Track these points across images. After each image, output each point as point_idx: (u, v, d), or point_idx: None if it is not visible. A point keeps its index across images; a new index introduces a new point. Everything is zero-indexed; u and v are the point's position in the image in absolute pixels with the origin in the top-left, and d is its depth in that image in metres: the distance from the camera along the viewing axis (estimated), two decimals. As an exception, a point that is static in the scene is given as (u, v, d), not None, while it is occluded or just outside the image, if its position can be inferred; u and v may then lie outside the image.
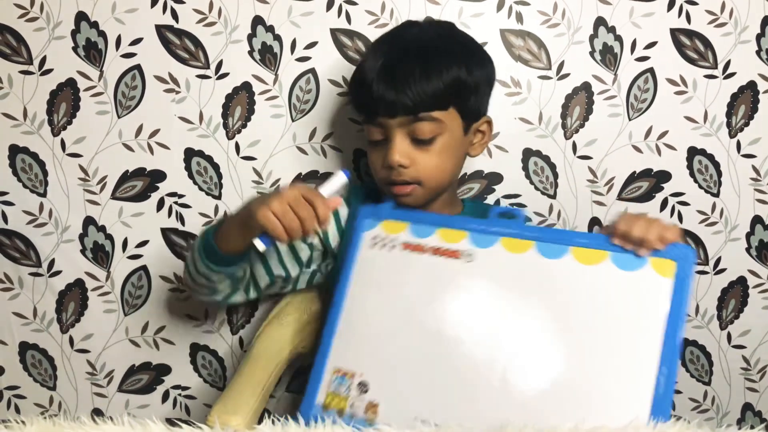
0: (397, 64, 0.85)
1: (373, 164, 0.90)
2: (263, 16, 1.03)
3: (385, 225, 0.84)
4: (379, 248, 0.83)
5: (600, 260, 0.74)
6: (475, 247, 0.79)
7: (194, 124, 1.06)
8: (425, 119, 0.84)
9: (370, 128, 0.88)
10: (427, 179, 0.87)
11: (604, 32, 1.04)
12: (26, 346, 1.14)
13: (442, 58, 0.85)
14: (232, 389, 0.87)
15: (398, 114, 0.84)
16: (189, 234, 1.09)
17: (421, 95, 0.83)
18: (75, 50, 1.04)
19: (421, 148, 0.86)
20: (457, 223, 0.81)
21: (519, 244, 0.77)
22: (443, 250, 0.80)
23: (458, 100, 0.86)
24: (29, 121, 1.06)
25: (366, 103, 0.87)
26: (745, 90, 1.05)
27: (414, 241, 0.82)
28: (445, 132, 0.86)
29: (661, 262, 0.71)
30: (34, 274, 1.11)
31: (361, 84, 0.87)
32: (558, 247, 0.75)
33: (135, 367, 1.14)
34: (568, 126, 1.06)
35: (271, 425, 0.62)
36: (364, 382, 0.77)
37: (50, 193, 1.08)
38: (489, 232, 0.79)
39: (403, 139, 0.85)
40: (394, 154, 0.85)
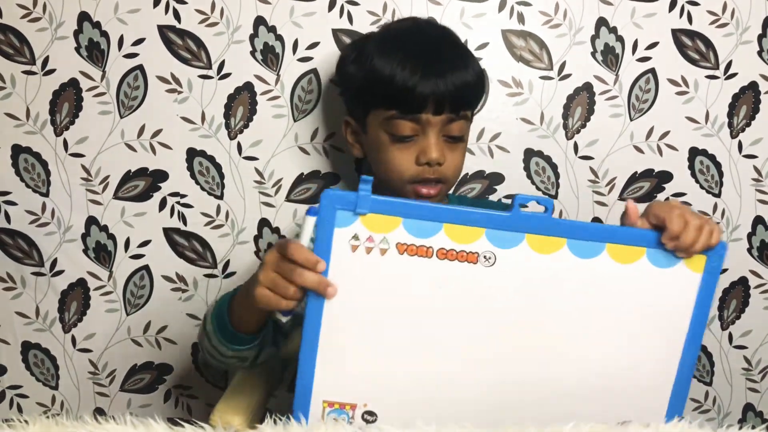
0: (438, 56, 0.84)
1: (397, 162, 0.84)
2: (265, 17, 1.03)
3: (367, 220, 0.62)
4: (363, 252, 0.63)
5: (636, 258, 0.67)
6: (495, 247, 0.64)
7: (196, 124, 1.06)
8: (463, 118, 0.85)
9: (401, 123, 0.83)
10: (452, 178, 0.87)
11: (606, 33, 1.04)
12: (28, 346, 1.14)
13: (466, 50, 0.89)
14: (234, 389, 0.87)
15: (444, 111, 0.82)
16: (191, 234, 1.09)
17: (465, 89, 0.83)
18: (77, 50, 1.05)
19: (451, 146, 0.86)
20: (469, 218, 0.63)
21: (549, 243, 0.65)
22: (455, 252, 0.64)
23: (480, 99, 0.90)
24: (32, 121, 1.07)
25: (406, 97, 0.82)
26: (747, 90, 1.05)
27: (413, 242, 0.63)
28: (467, 132, 0.88)
29: (693, 258, 0.68)
30: (37, 273, 1.11)
31: (399, 79, 0.81)
32: (593, 245, 0.66)
33: (137, 367, 1.14)
34: (570, 126, 1.06)
35: (273, 425, 0.62)
36: (371, 411, 0.68)
37: (53, 192, 1.08)
38: (513, 228, 0.64)
39: (439, 137, 0.84)
40: (433, 151, 0.83)
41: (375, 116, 0.85)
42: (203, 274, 1.10)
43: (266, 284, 0.65)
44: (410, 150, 0.84)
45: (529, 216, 0.64)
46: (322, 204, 0.63)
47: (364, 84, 0.86)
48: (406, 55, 0.83)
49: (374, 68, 0.84)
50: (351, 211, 0.62)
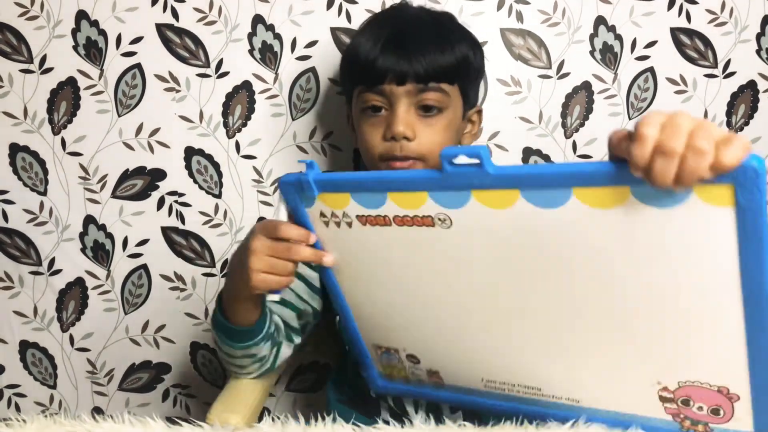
0: (409, 32, 0.81)
1: (367, 139, 0.83)
2: (263, 15, 1.03)
3: (323, 199, 0.64)
4: (335, 226, 0.65)
5: (620, 201, 0.51)
6: (444, 208, 0.59)
7: (194, 122, 1.06)
8: (434, 89, 0.79)
9: (368, 96, 0.81)
10: (430, 155, 0.80)
11: (604, 31, 1.04)
12: (26, 345, 1.14)
13: (454, 33, 0.83)
14: (232, 387, 0.87)
15: (407, 81, 0.78)
16: (189, 233, 1.09)
17: (433, 64, 0.78)
18: (75, 49, 1.04)
19: (425, 120, 0.80)
20: (408, 184, 0.60)
21: (499, 197, 0.56)
22: (410, 218, 0.61)
23: (464, 78, 0.83)
24: (29, 120, 1.06)
25: (368, 70, 0.80)
26: (745, 89, 1.05)
27: (368, 213, 0.63)
28: (449, 107, 0.81)
29: (710, 189, 0.47)
30: (35, 272, 1.11)
31: (362, 52, 0.81)
32: (554, 194, 0.53)
33: (135, 366, 1.14)
34: (569, 125, 1.06)
35: (271, 423, 0.62)
36: (412, 354, 0.72)
37: (50, 191, 1.08)
38: (454, 187, 0.57)
39: (408, 109, 0.80)
40: (398, 123, 0.78)
41: (354, 96, 0.85)
42: (201, 273, 1.10)
43: (263, 269, 0.66)
44: (379, 126, 0.81)
45: (462, 171, 0.56)
46: (282, 192, 0.66)
47: (344, 67, 0.89)
48: (377, 31, 0.82)
49: (349, 46, 0.86)
50: (305, 194, 0.64)
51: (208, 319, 1.12)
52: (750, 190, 0.46)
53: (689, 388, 0.58)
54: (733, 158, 0.44)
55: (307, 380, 1.15)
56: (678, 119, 0.46)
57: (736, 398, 0.56)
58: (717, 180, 0.46)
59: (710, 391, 0.57)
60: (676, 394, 0.59)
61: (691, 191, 0.48)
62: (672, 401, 0.59)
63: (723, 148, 0.44)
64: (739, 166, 0.45)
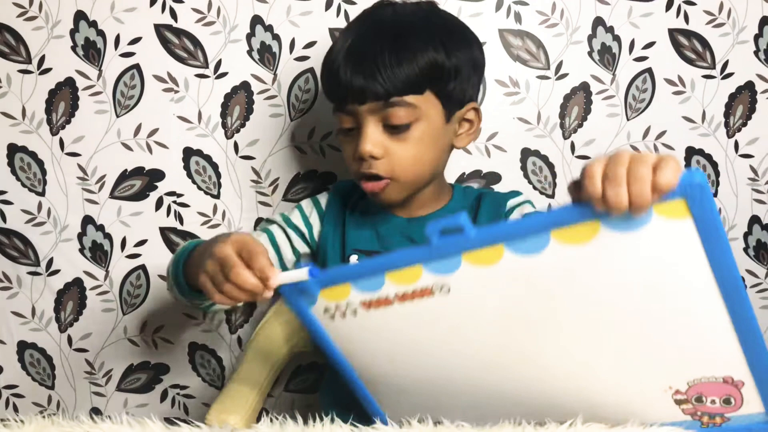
0: (365, 45, 0.77)
1: (345, 156, 0.83)
2: (262, 16, 1.03)
3: (325, 294, 0.66)
4: (340, 318, 0.67)
5: (593, 233, 0.55)
6: (440, 275, 0.61)
7: (193, 123, 1.06)
8: (398, 104, 0.76)
9: (340, 116, 0.80)
10: (403, 173, 0.79)
11: (603, 32, 1.04)
12: (24, 345, 1.14)
13: (416, 39, 0.77)
14: (230, 388, 0.87)
15: (367, 100, 0.76)
16: (188, 233, 1.09)
17: (391, 80, 0.75)
18: (74, 49, 1.04)
19: (395, 137, 0.77)
20: (402, 260, 0.62)
21: (486, 255, 0.59)
22: (410, 294, 0.63)
23: (436, 84, 0.78)
24: (28, 120, 1.06)
25: (334, 89, 0.79)
26: (743, 90, 1.05)
27: (370, 297, 0.65)
28: (421, 119, 0.78)
29: (667, 206, 0.52)
30: (33, 273, 1.11)
31: (329, 68, 0.79)
32: (534, 240, 0.57)
33: (133, 367, 1.14)
34: (567, 126, 1.06)
35: (270, 424, 0.62)
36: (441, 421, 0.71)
37: (49, 192, 1.08)
38: (444, 255, 0.60)
39: (376, 127, 0.77)
40: (365, 143, 0.77)
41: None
42: (200, 273, 1.10)
43: (209, 273, 0.64)
44: (352, 144, 0.80)
45: (448, 240, 0.60)
46: (286, 298, 0.66)
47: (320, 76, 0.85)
48: (341, 42, 0.79)
49: (323, 60, 0.83)
50: (307, 295, 0.65)
51: (206, 320, 1.12)
52: (699, 201, 0.51)
53: (698, 386, 0.60)
54: (668, 180, 0.50)
55: (305, 381, 1.15)
56: (617, 155, 0.52)
57: (741, 384, 0.59)
58: (668, 197, 0.52)
59: (717, 384, 0.60)
60: (688, 394, 0.61)
61: (651, 212, 0.53)
62: (687, 402, 0.61)
63: (658, 173, 0.50)
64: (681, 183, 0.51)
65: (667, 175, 0.50)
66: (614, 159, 0.52)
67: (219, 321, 1.12)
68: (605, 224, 0.54)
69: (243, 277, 0.62)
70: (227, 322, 1.13)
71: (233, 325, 1.13)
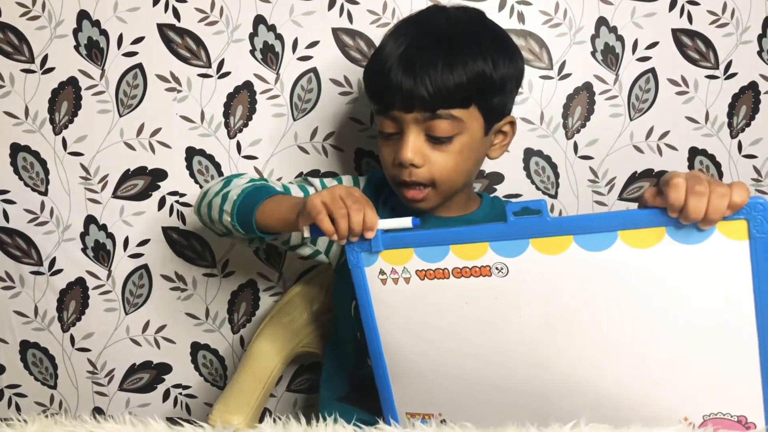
0: (420, 52, 0.76)
1: (383, 160, 0.82)
2: (265, 15, 1.03)
3: (386, 256, 0.69)
4: (392, 283, 0.69)
5: (657, 240, 0.60)
6: (503, 257, 0.65)
7: (196, 123, 1.06)
8: (444, 117, 0.76)
9: (382, 120, 0.80)
10: (442, 181, 0.79)
11: (606, 32, 1.04)
12: (27, 345, 1.14)
13: (469, 51, 0.77)
14: (233, 388, 0.87)
15: (415, 109, 0.76)
16: (190, 233, 1.09)
17: (441, 89, 0.75)
18: (77, 49, 1.04)
19: (436, 147, 0.78)
20: (471, 236, 0.66)
21: (554, 243, 0.63)
22: (468, 270, 0.67)
23: (481, 98, 0.78)
24: (31, 120, 1.06)
25: (381, 92, 0.79)
26: (747, 90, 1.05)
27: (428, 267, 0.68)
28: (464, 132, 0.78)
29: (730, 225, 0.58)
30: (35, 272, 1.11)
31: (378, 70, 0.79)
32: (602, 236, 0.62)
33: (136, 366, 1.14)
34: (570, 126, 1.06)
35: (272, 424, 0.62)
36: (444, 420, 0.72)
37: (51, 191, 1.08)
38: (513, 237, 0.64)
39: (418, 135, 0.78)
40: (406, 151, 0.77)
41: (374, 115, 0.85)
42: (202, 273, 1.10)
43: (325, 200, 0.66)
44: (393, 148, 0.80)
45: (525, 221, 0.64)
46: (347, 252, 0.69)
47: (364, 74, 0.85)
48: (393, 45, 0.79)
49: (373, 54, 0.83)
50: (370, 252, 0.69)
51: (208, 320, 1.12)
52: (760, 223, 0.57)
53: (713, 421, 0.62)
54: (743, 197, 0.57)
55: (307, 381, 1.15)
56: (697, 174, 0.59)
57: (753, 426, 0.61)
58: (733, 217, 0.58)
59: (731, 422, 0.62)
60: (702, 426, 0.62)
61: (714, 228, 0.58)
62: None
63: (735, 190, 0.57)
64: (747, 205, 0.57)
65: (742, 194, 0.57)
66: (696, 176, 0.59)
67: (221, 321, 1.12)
68: (670, 233, 0.60)
69: (358, 217, 0.65)
70: (229, 321, 1.13)
71: (235, 324, 1.13)
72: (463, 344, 0.69)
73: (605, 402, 0.65)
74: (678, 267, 0.60)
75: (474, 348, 0.68)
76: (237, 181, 0.83)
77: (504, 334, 0.67)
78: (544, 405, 0.67)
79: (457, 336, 0.68)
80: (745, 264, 0.58)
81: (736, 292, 0.59)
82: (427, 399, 0.72)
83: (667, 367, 0.62)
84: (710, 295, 0.60)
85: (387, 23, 1.03)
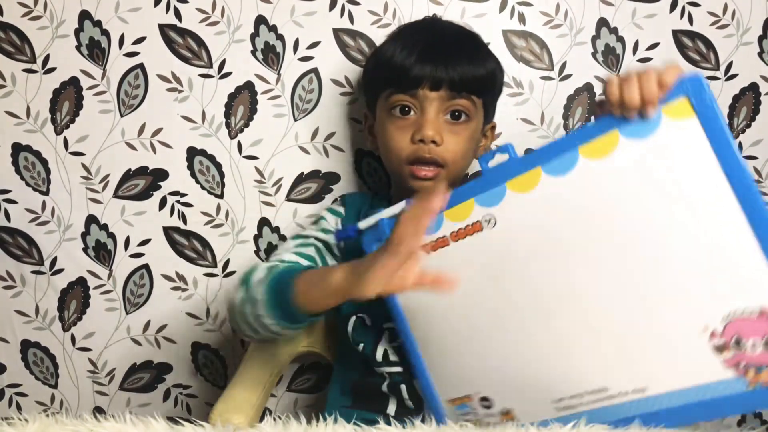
0: (445, 42, 0.86)
1: (393, 141, 0.86)
2: (266, 16, 1.03)
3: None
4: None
5: (614, 144, 0.62)
6: (488, 208, 0.68)
7: (197, 123, 1.06)
8: (466, 98, 0.84)
9: (399, 96, 0.85)
10: (453, 163, 0.85)
11: (607, 33, 1.04)
12: (28, 344, 1.14)
13: (484, 50, 0.89)
14: (233, 388, 0.88)
15: (442, 87, 0.82)
16: (191, 233, 1.09)
17: (467, 75, 0.83)
18: (78, 49, 1.05)
19: (452, 128, 0.84)
20: (458, 197, 0.70)
21: (527, 180, 0.66)
22: (462, 230, 0.70)
23: (488, 94, 0.88)
24: (32, 120, 1.07)
25: (404, 76, 0.83)
26: (747, 92, 1.05)
27: (430, 239, 0.72)
28: (474, 119, 0.86)
29: (673, 107, 0.60)
30: (36, 272, 1.11)
31: (398, 59, 0.84)
32: (565, 158, 0.64)
33: (136, 366, 1.14)
34: (571, 127, 1.06)
35: (273, 423, 0.62)
36: (485, 397, 0.73)
37: (53, 191, 1.08)
38: (492, 185, 0.68)
39: (438, 115, 0.84)
40: (428, 127, 0.82)
41: (380, 100, 0.88)
42: (203, 273, 1.10)
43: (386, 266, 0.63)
44: (408, 129, 0.84)
45: (496, 167, 0.68)
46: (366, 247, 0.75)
47: (371, 69, 0.92)
48: (410, 40, 0.86)
49: (379, 52, 0.89)
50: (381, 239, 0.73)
51: (209, 320, 1.12)
52: (699, 96, 0.59)
53: (735, 324, 0.59)
54: (671, 77, 0.59)
55: (308, 381, 1.15)
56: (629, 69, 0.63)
57: None
58: (672, 96, 0.59)
59: (753, 320, 0.59)
60: (725, 335, 0.60)
61: (660, 114, 0.60)
62: (726, 348, 0.60)
63: (664, 71, 0.60)
64: (682, 81, 0.59)
65: (670, 73, 0.60)
66: (628, 71, 0.63)
67: (222, 321, 1.13)
68: (623, 133, 0.61)
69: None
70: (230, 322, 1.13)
71: (236, 324, 1.13)
72: (477, 304, 0.70)
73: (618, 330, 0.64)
74: (643, 165, 0.61)
75: (486, 309, 0.70)
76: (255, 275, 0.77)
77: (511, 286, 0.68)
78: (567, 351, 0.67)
79: (468, 297, 0.70)
80: (701, 138, 0.59)
81: (707, 172, 0.59)
82: (463, 380, 0.73)
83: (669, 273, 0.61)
84: (682, 182, 0.60)
85: (388, 24, 1.03)
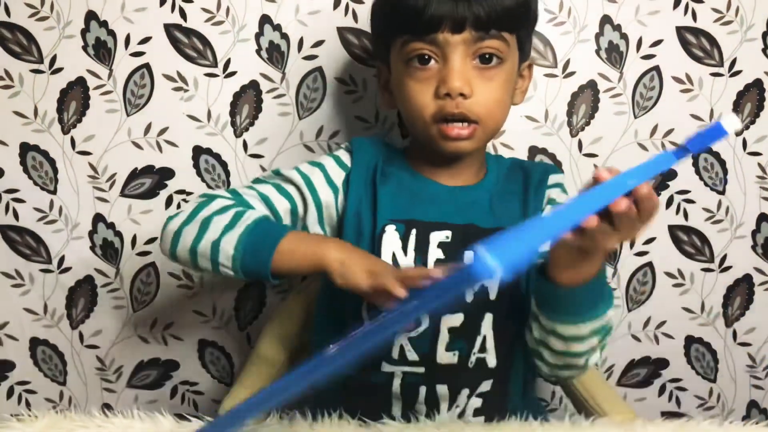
0: None
1: (414, 97, 0.74)
2: (271, 15, 1.04)
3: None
4: None
5: None
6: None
7: (202, 122, 1.06)
8: (496, 37, 0.71)
9: (416, 44, 0.72)
10: (488, 116, 0.73)
11: (610, 30, 1.04)
12: (37, 342, 1.15)
13: None
14: (242, 384, 0.88)
15: (465, 28, 0.69)
16: (197, 231, 1.09)
17: (495, 8, 0.69)
18: (85, 49, 1.05)
19: (484, 74, 0.72)
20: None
21: None
22: None
23: (523, 27, 0.75)
24: (40, 119, 1.07)
25: (418, 17, 0.70)
26: (751, 88, 1.05)
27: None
28: (508, 60, 0.73)
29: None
30: (45, 270, 1.12)
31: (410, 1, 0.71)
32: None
33: (144, 363, 1.15)
34: (574, 124, 1.06)
35: (279, 420, 0.63)
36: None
37: (60, 190, 1.09)
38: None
39: (464, 61, 0.71)
40: (454, 78, 0.70)
41: (395, 49, 0.76)
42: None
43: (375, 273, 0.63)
44: (430, 82, 0.72)
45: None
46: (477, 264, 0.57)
47: (382, 15, 0.78)
48: None
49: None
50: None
51: (216, 317, 1.13)
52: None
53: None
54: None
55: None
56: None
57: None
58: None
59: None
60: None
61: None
62: None
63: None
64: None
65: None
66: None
67: (228, 318, 1.13)
68: None
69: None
70: (236, 318, 1.13)
71: (242, 321, 1.14)
72: None
73: None
74: None
75: None
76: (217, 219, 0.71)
77: None
78: None
79: None
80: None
81: None
82: None
83: None
84: None
85: (392, 22, 1.03)
